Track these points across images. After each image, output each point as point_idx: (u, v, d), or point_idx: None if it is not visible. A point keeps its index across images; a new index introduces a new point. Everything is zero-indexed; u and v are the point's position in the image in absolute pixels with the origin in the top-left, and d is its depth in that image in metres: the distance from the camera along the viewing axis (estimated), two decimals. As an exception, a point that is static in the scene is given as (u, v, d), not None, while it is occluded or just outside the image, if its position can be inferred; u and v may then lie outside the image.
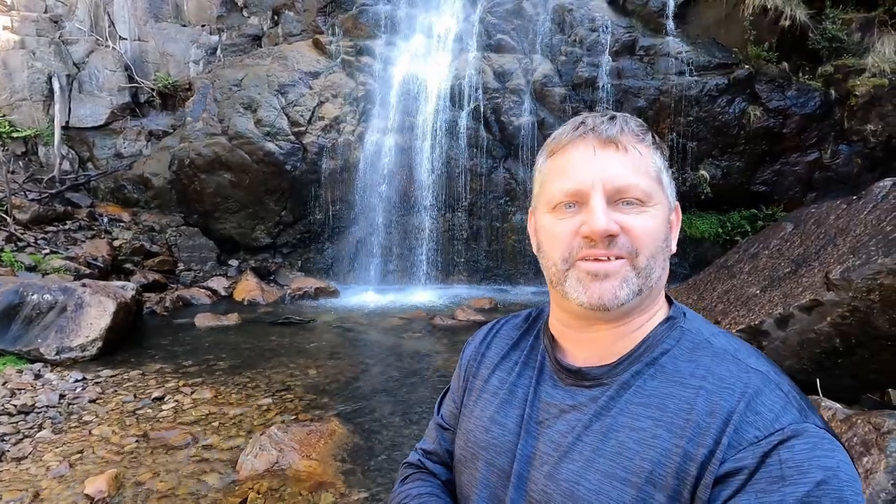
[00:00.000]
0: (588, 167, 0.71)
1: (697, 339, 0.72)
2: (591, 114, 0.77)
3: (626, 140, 0.72)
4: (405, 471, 0.96)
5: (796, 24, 7.25)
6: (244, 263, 8.36)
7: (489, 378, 0.86)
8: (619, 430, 0.68)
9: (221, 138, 8.07)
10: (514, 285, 8.26)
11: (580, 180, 0.71)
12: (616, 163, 0.71)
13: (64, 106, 9.35)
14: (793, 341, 2.95)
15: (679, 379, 0.68)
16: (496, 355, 0.88)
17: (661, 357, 0.71)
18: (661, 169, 0.75)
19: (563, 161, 0.74)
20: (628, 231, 0.70)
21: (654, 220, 0.71)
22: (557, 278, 0.74)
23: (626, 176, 0.70)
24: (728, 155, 7.77)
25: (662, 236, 0.72)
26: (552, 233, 0.74)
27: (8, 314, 4.73)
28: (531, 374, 0.82)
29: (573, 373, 0.76)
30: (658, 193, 0.73)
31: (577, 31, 8.12)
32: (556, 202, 0.73)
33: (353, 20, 8.99)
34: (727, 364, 0.68)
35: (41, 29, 9.61)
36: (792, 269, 3.30)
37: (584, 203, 0.71)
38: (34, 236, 7.39)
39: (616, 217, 0.70)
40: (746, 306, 3.29)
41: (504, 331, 0.92)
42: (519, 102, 8.06)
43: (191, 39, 9.99)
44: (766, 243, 3.88)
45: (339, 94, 8.44)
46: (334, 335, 5.75)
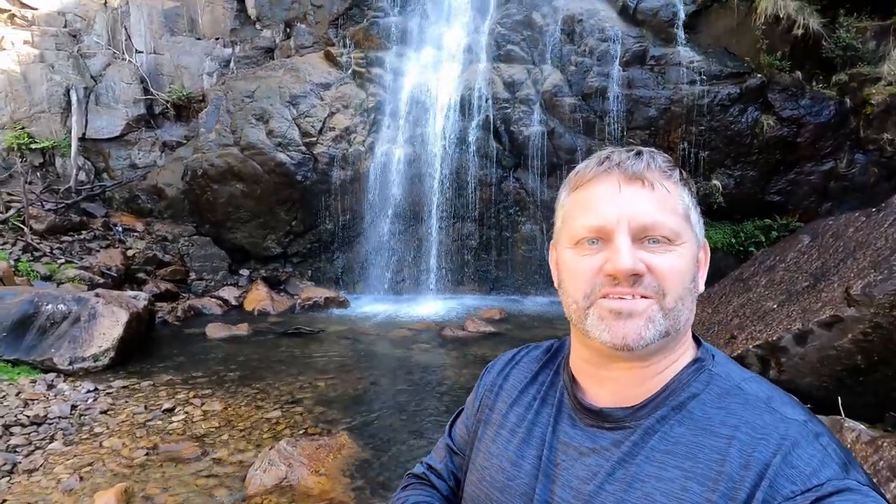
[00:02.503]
0: (613, 203, 0.69)
1: (728, 384, 0.69)
2: (616, 148, 0.75)
3: (653, 176, 0.70)
4: (408, 479, 0.96)
5: (809, 32, 7.18)
6: (255, 273, 8.41)
7: (507, 413, 0.83)
8: (645, 481, 0.65)
9: (234, 149, 8.16)
10: (524, 296, 8.20)
11: (605, 217, 0.68)
12: (642, 200, 0.68)
13: (81, 118, 9.53)
14: (812, 358, 2.87)
15: (709, 427, 0.65)
16: (514, 388, 0.85)
17: (688, 402, 0.68)
18: (690, 206, 0.72)
19: (587, 196, 0.72)
20: (654, 270, 0.67)
21: (681, 259, 0.68)
22: (578, 316, 0.71)
23: (652, 213, 0.68)
24: (741, 164, 7.68)
25: (690, 276, 0.70)
26: (574, 269, 0.72)
27: (23, 324, 4.79)
28: (549, 411, 0.78)
29: (594, 413, 0.73)
30: (686, 232, 0.70)
31: (587, 42, 8.12)
32: (579, 238, 0.71)
33: (364, 32, 9.08)
34: (761, 413, 0.64)
35: (60, 43, 9.83)
36: (810, 284, 3.22)
37: (608, 240, 0.68)
38: (50, 246, 7.50)
39: (642, 256, 0.67)
40: (763, 321, 3.22)
41: (524, 362, 0.88)
42: (529, 112, 8.05)
43: (205, 52, 10.15)
44: (783, 256, 3.81)
45: (350, 105, 8.51)
46: (343, 346, 5.74)
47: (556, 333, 6.08)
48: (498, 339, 5.92)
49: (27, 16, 9.95)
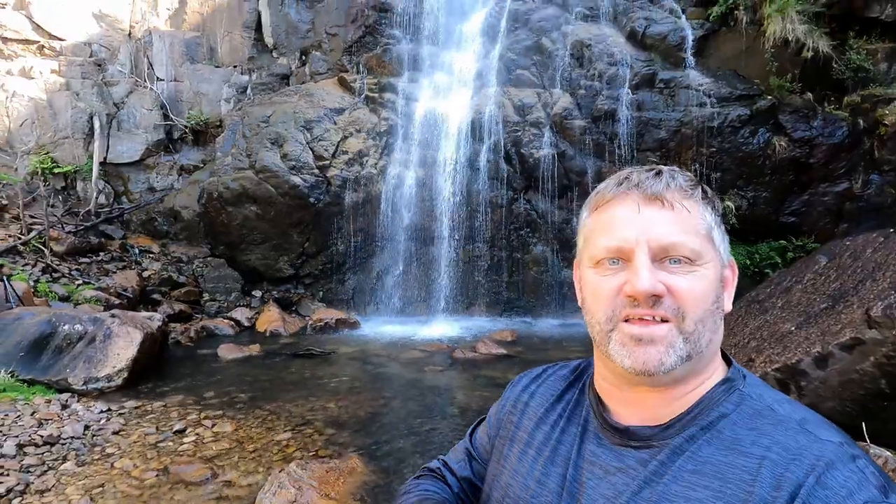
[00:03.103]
0: (632, 224, 0.69)
1: (759, 405, 0.67)
2: (636, 168, 0.75)
3: (672, 196, 0.70)
4: (422, 471, 0.97)
5: (819, 55, 7.21)
6: (267, 294, 8.46)
7: (533, 432, 0.83)
8: (673, 500, 0.63)
9: (249, 172, 8.32)
10: (535, 317, 8.13)
11: (624, 237, 0.69)
12: (661, 220, 0.68)
13: (103, 143, 9.83)
14: (833, 382, 2.80)
15: (739, 447, 0.63)
16: (540, 406, 0.85)
17: (717, 421, 0.67)
18: (712, 225, 0.71)
19: (607, 217, 0.73)
20: (674, 292, 0.66)
21: (702, 280, 0.68)
22: (601, 338, 0.71)
23: (672, 234, 0.68)
24: (754, 185, 7.64)
25: (712, 298, 0.69)
26: (595, 289, 0.72)
27: (40, 344, 4.86)
28: (575, 430, 0.78)
29: (620, 432, 0.72)
30: (708, 251, 0.69)
31: (596, 66, 8.23)
32: (600, 258, 0.71)
33: (377, 59, 9.31)
34: (794, 434, 0.62)
35: (86, 72, 10.21)
36: (829, 305, 3.16)
37: (628, 260, 0.69)
38: (69, 267, 7.65)
39: (662, 277, 0.67)
40: (781, 343, 3.15)
41: (550, 381, 0.88)
42: (539, 135, 8.13)
43: (223, 79, 10.47)
44: (800, 277, 3.75)
45: (363, 129, 8.67)
46: (354, 368, 5.72)
47: (567, 356, 6.00)
48: (509, 361, 5.85)
49: (55, 46, 10.39)
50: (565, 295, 8.21)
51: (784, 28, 7.20)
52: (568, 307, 8.12)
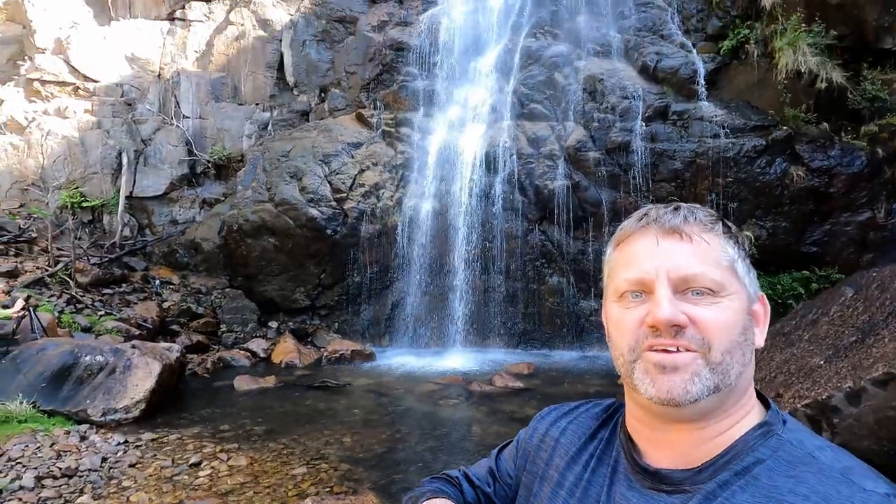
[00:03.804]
0: (652, 257, 0.70)
1: (799, 452, 0.64)
2: (655, 205, 0.77)
3: (691, 230, 0.71)
4: (438, 475, 0.96)
5: (833, 86, 7.23)
6: (283, 325, 8.51)
7: (565, 472, 0.81)
8: None
9: (268, 205, 8.52)
10: (552, 349, 8.00)
11: (644, 269, 0.70)
12: (681, 252, 0.69)
13: (129, 178, 10.19)
14: (868, 419, 2.68)
15: (775, 495, 0.61)
16: (572, 445, 0.84)
17: (753, 467, 0.64)
18: (735, 258, 0.71)
19: (628, 251, 0.74)
20: (697, 322, 0.66)
21: (727, 311, 0.67)
22: (626, 369, 0.71)
23: (692, 265, 0.68)
24: (772, 215, 7.55)
25: (738, 329, 0.68)
26: (619, 322, 0.73)
27: (62, 375, 4.93)
28: (605, 471, 0.76)
29: (651, 474, 0.70)
30: (732, 283, 0.69)
31: (609, 99, 8.36)
32: (622, 291, 0.72)
33: (393, 95, 9.60)
34: (836, 484, 0.59)
35: (116, 111, 10.70)
36: (858, 338, 3.07)
37: (650, 292, 0.69)
38: (92, 298, 7.82)
39: (684, 308, 0.67)
40: (811, 378, 3.05)
41: (583, 418, 0.87)
42: (553, 167, 8.21)
43: (246, 116, 10.86)
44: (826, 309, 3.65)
45: (380, 163, 8.86)
46: (369, 400, 5.66)
47: (586, 390, 5.87)
48: (526, 394, 5.74)
49: (89, 87, 10.94)
50: (582, 326, 8.10)
51: (796, 60, 7.26)
52: (585, 339, 7.99)
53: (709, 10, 8.91)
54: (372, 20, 10.63)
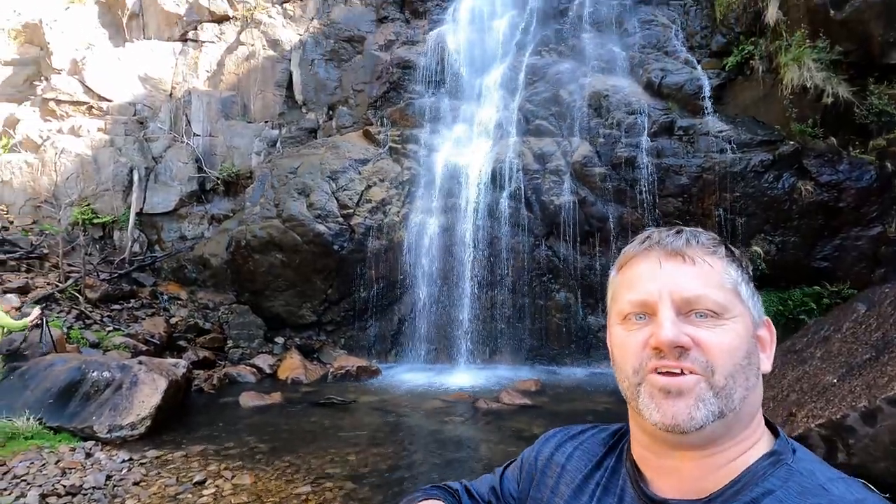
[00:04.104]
0: (654, 279, 0.70)
1: (809, 483, 0.63)
2: (658, 228, 0.77)
3: (694, 252, 0.71)
4: (440, 485, 0.94)
5: (839, 100, 7.22)
6: (289, 341, 8.50)
7: (570, 501, 0.79)
8: None
9: (276, 221, 8.58)
10: (560, 366, 7.92)
11: (647, 291, 0.70)
12: (683, 274, 0.69)
13: (140, 195, 10.33)
14: (885, 440, 2.62)
15: None
16: (578, 472, 0.82)
17: (761, 498, 0.63)
18: (739, 281, 0.71)
19: (631, 273, 0.74)
20: (701, 344, 0.65)
21: (730, 333, 0.67)
22: (631, 393, 0.70)
23: (694, 287, 0.68)
24: (781, 230, 7.49)
25: (742, 353, 0.67)
26: (622, 344, 0.72)
27: (69, 391, 4.94)
28: (612, 501, 0.75)
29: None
30: (735, 306, 0.69)
31: (614, 115, 8.40)
32: (626, 313, 0.72)
33: (400, 112, 9.71)
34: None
35: (129, 129, 10.91)
36: (872, 356, 3.01)
37: (653, 314, 0.69)
38: (101, 314, 7.87)
39: (687, 329, 0.66)
40: (824, 397, 2.99)
41: (588, 444, 0.85)
42: (559, 182, 8.23)
43: (255, 134, 11.02)
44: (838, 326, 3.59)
45: (386, 179, 8.93)
46: (375, 418, 5.61)
47: (595, 408, 5.78)
48: (534, 412, 5.66)
49: (103, 107, 11.18)
50: (590, 342, 8.02)
51: (801, 76, 7.27)
52: (593, 355, 7.90)
53: (713, 27, 8.99)
54: (379, 39, 10.82)
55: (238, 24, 11.63)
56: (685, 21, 9.31)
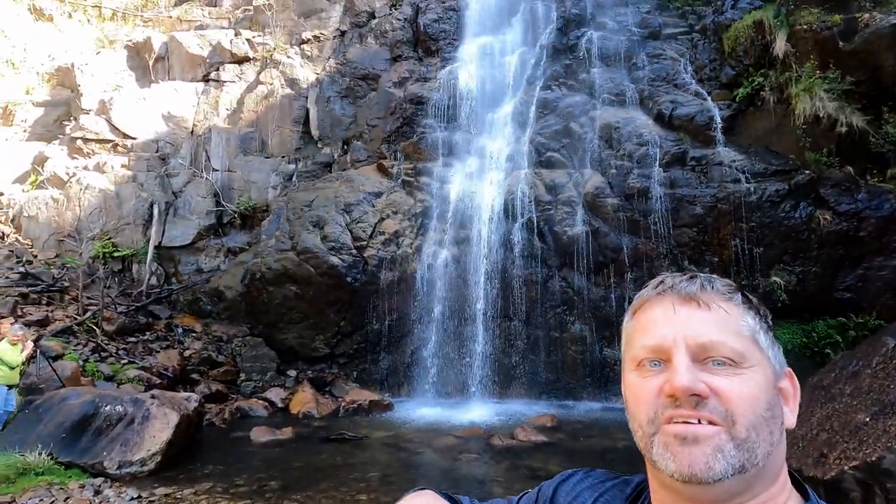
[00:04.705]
0: (669, 323, 0.68)
1: None
2: (671, 273, 0.75)
3: (709, 298, 0.69)
4: (446, 492, 0.88)
5: (854, 130, 7.18)
6: (302, 374, 8.45)
7: None
8: None
9: (290, 253, 8.68)
10: (576, 400, 7.72)
11: (662, 336, 0.67)
12: (699, 319, 0.67)
13: (159, 228, 10.56)
14: (925, 484, 2.46)
15: None
16: None
17: None
18: (757, 329, 0.69)
19: (645, 318, 0.72)
20: (719, 393, 0.62)
21: (750, 383, 0.64)
22: (645, 443, 0.67)
23: (710, 333, 0.65)
24: (801, 260, 7.34)
25: (764, 404, 0.64)
26: (636, 392, 0.69)
27: (81, 425, 4.93)
28: None
29: None
30: (754, 354, 0.66)
31: (626, 146, 8.45)
32: (640, 359, 0.70)
33: (413, 146, 9.89)
34: None
35: (151, 165, 11.26)
36: (905, 393, 2.87)
37: (668, 360, 0.66)
38: (116, 346, 7.94)
39: (704, 377, 0.63)
40: (856, 437, 2.85)
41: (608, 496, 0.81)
42: (571, 213, 8.22)
43: (272, 168, 11.29)
44: (867, 360, 3.46)
45: (399, 211, 9.02)
46: (387, 454, 5.48)
47: (614, 445, 5.58)
48: (550, 449, 5.48)
49: (127, 144, 11.60)
50: (606, 376, 7.82)
51: (813, 106, 7.28)
52: (611, 389, 7.69)
53: (721, 60, 9.09)
54: (393, 77, 11.14)
55: (258, 64, 12.10)
56: (693, 54, 9.45)
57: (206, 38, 12.33)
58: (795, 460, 3.07)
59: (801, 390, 0.71)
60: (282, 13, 12.40)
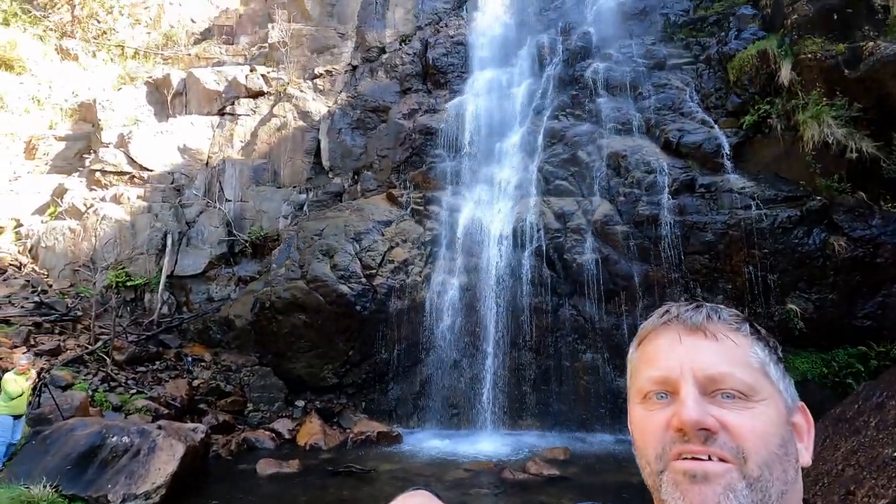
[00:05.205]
0: (674, 354, 0.66)
1: None
2: (677, 303, 0.73)
3: (716, 328, 0.67)
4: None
5: (864, 155, 7.15)
6: (310, 404, 8.35)
7: None
8: None
9: (300, 282, 8.71)
10: (589, 432, 7.50)
11: (668, 366, 0.65)
12: (705, 350, 0.65)
13: (172, 258, 10.70)
14: (961, 525, 2.33)
15: None
16: None
17: None
18: (767, 361, 0.66)
19: (651, 349, 0.70)
20: (729, 429, 0.60)
21: (761, 418, 0.61)
22: (653, 481, 0.64)
23: (718, 364, 0.63)
24: (817, 287, 7.20)
25: (777, 440, 0.61)
26: (643, 426, 0.66)
27: (87, 456, 4.89)
28: None
29: None
30: (765, 387, 0.64)
31: (634, 174, 8.47)
32: (646, 391, 0.67)
33: (422, 175, 10.02)
34: None
35: (166, 196, 11.50)
36: (933, 426, 2.75)
37: (675, 392, 0.64)
38: (126, 376, 7.93)
39: (713, 411, 0.61)
40: (885, 472, 2.72)
41: None
42: (581, 241, 8.20)
43: (283, 198, 11.48)
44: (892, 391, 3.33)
45: (409, 239, 9.06)
46: (395, 488, 5.31)
47: (629, 480, 5.38)
48: (564, 484, 5.31)
49: (144, 176, 11.89)
50: (620, 407, 7.61)
51: (822, 132, 7.28)
52: (624, 420, 7.36)
53: (727, 89, 9.18)
54: (403, 108, 11.40)
55: (272, 98, 12.46)
56: (699, 83, 9.56)
57: (223, 74, 12.77)
58: (821, 498, 2.94)
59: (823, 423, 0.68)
60: (296, 49, 12.84)
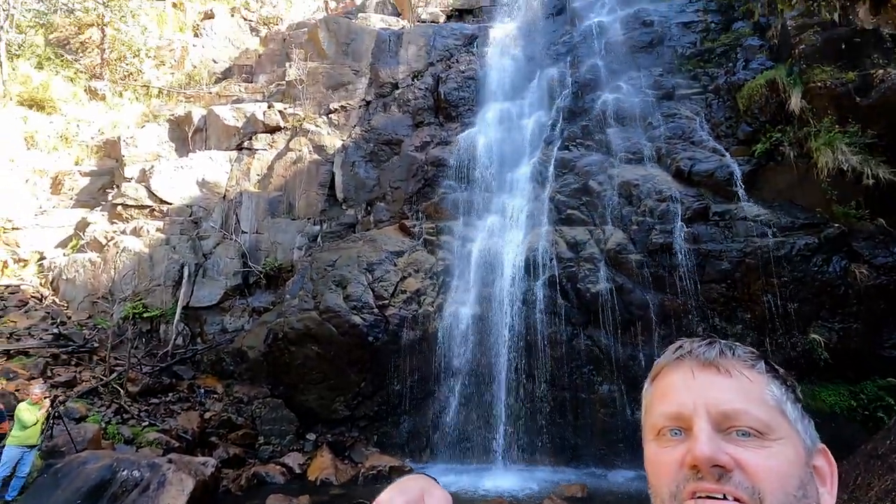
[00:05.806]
0: (688, 390, 0.65)
1: None
2: (690, 339, 0.73)
3: (729, 364, 0.66)
4: None
5: (881, 181, 7.06)
6: (321, 438, 8.23)
7: None
8: None
9: (313, 313, 8.73)
10: (608, 468, 7.24)
11: (681, 402, 0.64)
12: (719, 386, 0.64)
13: (188, 289, 10.85)
14: None
15: None
16: None
17: None
18: (783, 400, 0.65)
19: (664, 385, 0.69)
20: (745, 467, 0.58)
21: (779, 457, 0.60)
22: None
23: (732, 401, 0.62)
24: (840, 316, 7.00)
25: (795, 482, 0.59)
26: (656, 464, 0.65)
27: (97, 491, 4.85)
28: None
29: None
30: (781, 426, 0.62)
31: (646, 203, 8.45)
32: (660, 427, 0.66)
33: (434, 206, 10.12)
34: None
35: (184, 229, 11.75)
36: (972, 464, 2.61)
37: (688, 429, 0.63)
38: (139, 408, 7.94)
39: (728, 448, 0.59)
40: (922, 515, 2.57)
41: None
42: (594, 270, 8.13)
43: (297, 230, 11.65)
44: (924, 427, 3.18)
45: (421, 270, 9.08)
46: (407, 527, 5.17)
47: (652, 519, 5.15)
48: (582, 524, 5.10)
49: (163, 209, 12.20)
50: (640, 442, 7.34)
51: (836, 159, 7.23)
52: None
53: (737, 118, 9.21)
54: (415, 141, 11.63)
55: (288, 133, 12.83)
56: (708, 113, 9.62)
57: (241, 111, 13.22)
58: (856, 541, 2.78)
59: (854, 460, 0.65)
60: (312, 86, 13.28)
